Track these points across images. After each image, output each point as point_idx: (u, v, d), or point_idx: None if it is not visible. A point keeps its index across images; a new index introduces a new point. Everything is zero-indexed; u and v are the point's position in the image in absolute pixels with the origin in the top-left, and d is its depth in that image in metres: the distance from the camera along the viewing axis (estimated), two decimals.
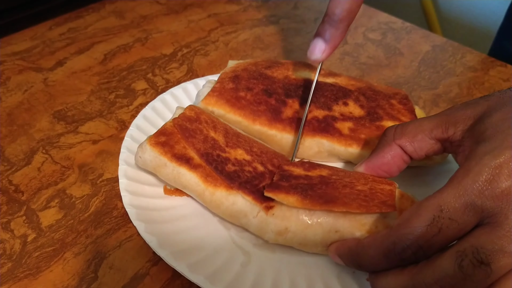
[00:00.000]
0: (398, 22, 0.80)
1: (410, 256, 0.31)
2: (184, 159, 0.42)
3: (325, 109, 0.49)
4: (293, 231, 0.39)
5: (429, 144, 0.38)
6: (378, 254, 0.33)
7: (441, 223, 0.30)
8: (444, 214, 0.30)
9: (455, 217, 0.30)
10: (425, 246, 0.31)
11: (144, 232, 0.39)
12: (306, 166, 0.43)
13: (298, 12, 0.81)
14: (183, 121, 0.44)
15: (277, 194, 0.38)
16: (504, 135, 0.32)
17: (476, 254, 0.29)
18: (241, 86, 0.50)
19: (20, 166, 0.48)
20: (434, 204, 0.31)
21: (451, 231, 0.30)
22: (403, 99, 0.52)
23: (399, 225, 0.32)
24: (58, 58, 0.63)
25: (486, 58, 0.72)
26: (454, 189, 0.30)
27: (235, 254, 0.40)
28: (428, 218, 0.30)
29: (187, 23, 0.74)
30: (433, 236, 0.30)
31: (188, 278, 0.36)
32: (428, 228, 0.30)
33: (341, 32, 0.44)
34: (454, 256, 0.29)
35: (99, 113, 0.55)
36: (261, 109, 0.49)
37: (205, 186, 0.41)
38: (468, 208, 0.30)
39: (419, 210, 0.31)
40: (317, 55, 0.45)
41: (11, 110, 0.54)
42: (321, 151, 0.48)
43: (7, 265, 0.39)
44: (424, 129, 0.38)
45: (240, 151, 0.44)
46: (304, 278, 0.38)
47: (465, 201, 0.30)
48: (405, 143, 0.39)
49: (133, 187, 0.43)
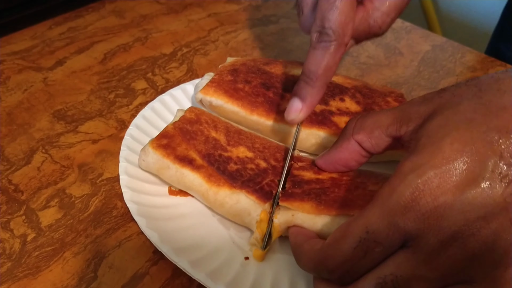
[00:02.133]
0: (398, 22, 0.80)
1: (337, 279, 0.31)
2: (187, 160, 0.42)
3: (322, 104, 0.50)
4: (301, 218, 0.39)
5: (385, 141, 0.36)
6: (309, 264, 0.33)
7: (367, 246, 0.29)
8: (370, 236, 0.29)
9: (379, 239, 0.29)
10: (351, 271, 0.30)
11: (146, 227, 0.39)
12: (315, 168, 0.43)
13: None
14: (184, 124, 0.45)
15: (292, 202, 0.39)
16: (434, 148, 0.29)
17: (395, 282, 0.29)
18: (239, 78, 0.51)
19: (20, 165, 0.48)
20: (360, 226, 0.30)
21: (376, 254, 0.30)
22: (399, 97, 0.52)
23: (328, 244, 0.32)
24: (58, 58, 0.63)
25: (485, 58, 0.72)
26: (379, 209, 0.30)
27: (235, 254, 0.40)
28: (355, 241, 0.30)
29: (187, 22, 0.74)
30: (359, 259, 0.30)
31: (189, 274, 0.36)
32: (354, 251, 0.30)
33: (318, 90, 0.42)
34: (374, 282, 0.29)
35: (98, 113, 0.55)
36: (259, 101, 0.49)
37: (208, 186, 0.41)
38: (392, 230, 0.29)
39: (347, 231, 0.31)
40: (292, 115, 0.43)
41: (11, 109, 0.54)
42: (317, 142, 0.49)
43: (7, 264, 0.39)
44: (381, 125, 0.36)
45: (242, 148, 0.44)
46: (304, 278, 0.38)
47: (388, 222, 0.29)
48: (363, 139, 0.37)
49: (133, 184, 0.43)
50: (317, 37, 0.41)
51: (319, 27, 0.41)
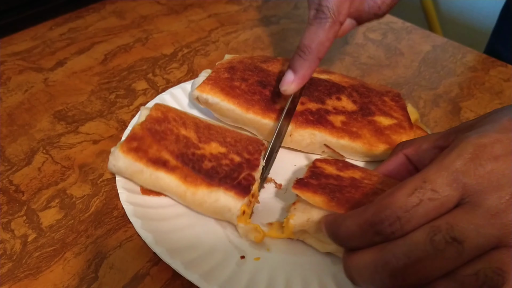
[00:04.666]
0: (399, 22, 0.80)
1: (385, 228, 0.30)
2: (161, 163, 0.41)
3: (318, 103, 0.50)
4: (315, 220, 0.38)
5: (432, 153, 0.39)
6: (354, 224, 0.32)
7: (422, 194, 0.29)
8: (427, 185, 0.29)
9: (437, 189, 0.29)
10: (403, 218, 0.29)
11: (141, 228, 0.39)
12: (339, 165, 0.43)
13: (299, 12, 0.81)
14: (151, 123, 0.44)
15: (304, 192, 0.38)
16: (493, 122, 0.31)
17: (450, 230, 0.28)
18: (236, 76, 0.51)
19: (21, 166, 0.48)
20: (417, 178, 0.30)
21: (431, 204, 0.29)
22: (395, 97, 0.53)
23: (380, 197, 0.31)
24: (58, 58, 0.63)
25: (486, 58, 0.72)
26: (438, 164, 0.30)
27: (231, 253, 0.40)
28: (410, 188, 0.30)
29: (188, 23, 0.74)
30: (413, 207, 0.29)
31: (183, 275, 0.36)
32: (408, 198, 0.29)
33: (310, 64, 0.45)
34: (427, 230, 0.29)
35: (99, 113, 0.55)
36: (255, 99, 0.49)
37: (186, 186, 0.41)
38: (451, 183, 0.29)
39: (402, 184, 0.30)
40: (284, 86, 0.45)
41: (11, 110, 0.54)
42: (313, 142, 0.49)
43: (8, 265, 0.39)
44: (430, 140, 0.39)
45: (214, 144, 0.44)
46: (300, 277, 0.38)
47: (448, 176, 0.29)
48: (412, 152, 0.41)
49: (130, 184, 0.43)
50: (313, 14, 0.44)
51: (317, 5, 0.44)
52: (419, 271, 0.28)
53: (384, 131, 0.48)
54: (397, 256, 0.29)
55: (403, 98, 0.53)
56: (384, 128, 0.48)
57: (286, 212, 0.42)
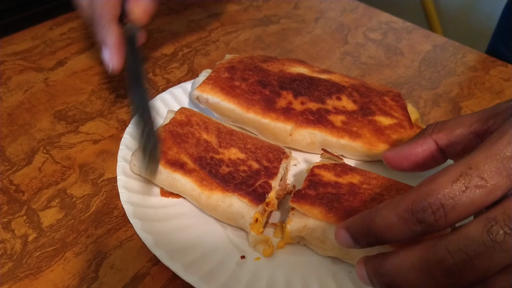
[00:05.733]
0: (399, 22, 0.80)
1: (428, 216, 0.27)
2: (178, 165, 0.42)
3: (318, 102, 0.50)
4: (312, 227, 0.38)
5: (466, 139, 0.36)
6: (392, 214, 0.29)
7: (469, 181, 0.27)
8: (473, 172, 0.27)
9: (484, 176, 0.27)
10: (447, 206, 0.27)
11: (141, 230, 0.39)
12: (338, 170, 0.43)
13: (299, 12, 0.81)
14: (174, 126, 0.44)
15: (302, 205, 0.39)
16: None
17: (508, 221, 0.26)
18: (236, 76, 0.51)
19: (21, 166, 0.48)
20: (462, 164, 0.27)
21: (478, 193, 0.27)
22: (396, 97, 0.52)
23: (421, 183, 0.29)
24: (58, 58, 0.63)
25: (487, 57, 0.72)
26: (486, 150, 0.27)
27: (231, 253, 0.40)
28: (455, 175, 0.27)
29: (188, 23, 0.74)
30: (458, 194, 0.27)
31: (182, 278, 0.36)
32: (453, 184, 0.27)
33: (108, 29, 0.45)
34: (483, 222, 0.26)
35: (99, 113, 0.55)
36: (255, 98, 0.49)
37: (201, 190, 0.41)
38: (500, 171, 0.27)
39: (446, 168, 0.28)
40: (108, 65, 0.46)
41: (12, 110, 0.54)
42: (313, 142, 0.49)
43: (8, 264, 0.39)
44: (464, 124, 0.36)
45: (234, 150, 0.44)
46: (300, 277, 0.38)
47: (497, 163, 0.27)
48: (442, 137, 0.37)
49: (131, 184, 0.43)
50: None
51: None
52: (478, 267, 0.26)
53: (384, 131, 0.48)
54: (452, 252, 0.27)
55: (403, 98, 0.52)
56: (385, 128, 0.48)
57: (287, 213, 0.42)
